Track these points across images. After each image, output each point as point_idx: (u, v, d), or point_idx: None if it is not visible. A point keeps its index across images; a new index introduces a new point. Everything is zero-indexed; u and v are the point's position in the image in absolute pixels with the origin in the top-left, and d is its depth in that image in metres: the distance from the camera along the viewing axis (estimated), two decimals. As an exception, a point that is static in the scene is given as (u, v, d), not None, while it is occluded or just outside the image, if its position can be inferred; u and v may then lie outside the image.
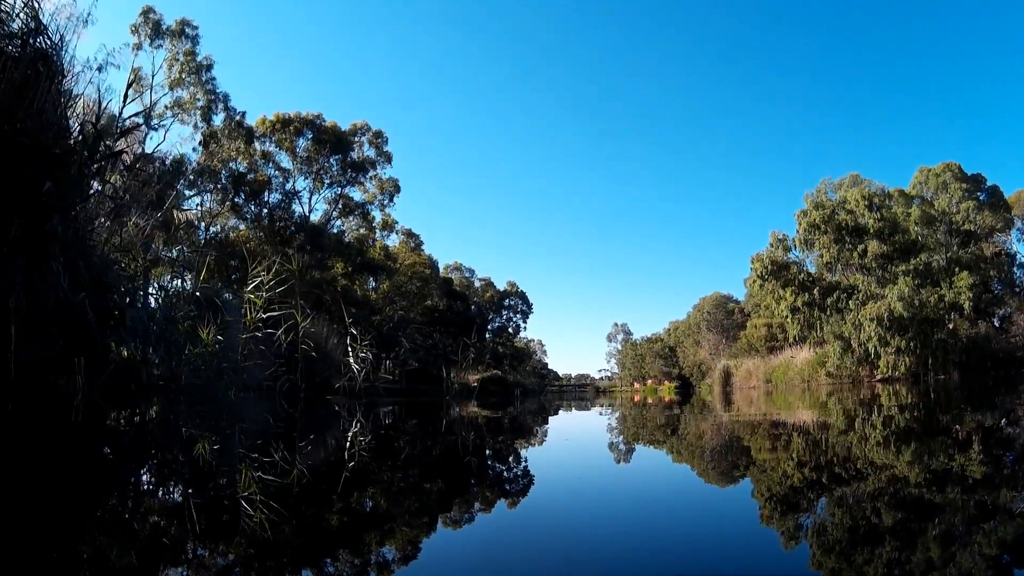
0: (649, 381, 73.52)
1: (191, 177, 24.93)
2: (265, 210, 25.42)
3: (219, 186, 24.87)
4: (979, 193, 33.61)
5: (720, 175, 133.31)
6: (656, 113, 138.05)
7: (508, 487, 3.47)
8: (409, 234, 35.50)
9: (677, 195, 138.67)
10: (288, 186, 26.44)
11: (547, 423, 9.28)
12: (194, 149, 22.89)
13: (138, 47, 22.24)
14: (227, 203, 25.38)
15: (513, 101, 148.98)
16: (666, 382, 67.51)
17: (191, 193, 25.59)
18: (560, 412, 12.46)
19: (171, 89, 22.89)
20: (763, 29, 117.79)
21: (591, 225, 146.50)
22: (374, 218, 31.24)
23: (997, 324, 31.33)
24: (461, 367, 24.76)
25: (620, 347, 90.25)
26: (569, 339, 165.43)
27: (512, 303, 66.72)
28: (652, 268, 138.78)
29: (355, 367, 17.12)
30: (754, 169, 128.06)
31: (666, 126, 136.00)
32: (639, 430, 7.57)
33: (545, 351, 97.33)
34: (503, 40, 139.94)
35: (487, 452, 5.08)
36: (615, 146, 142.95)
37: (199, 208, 26.20)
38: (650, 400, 23.25)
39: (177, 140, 24.07)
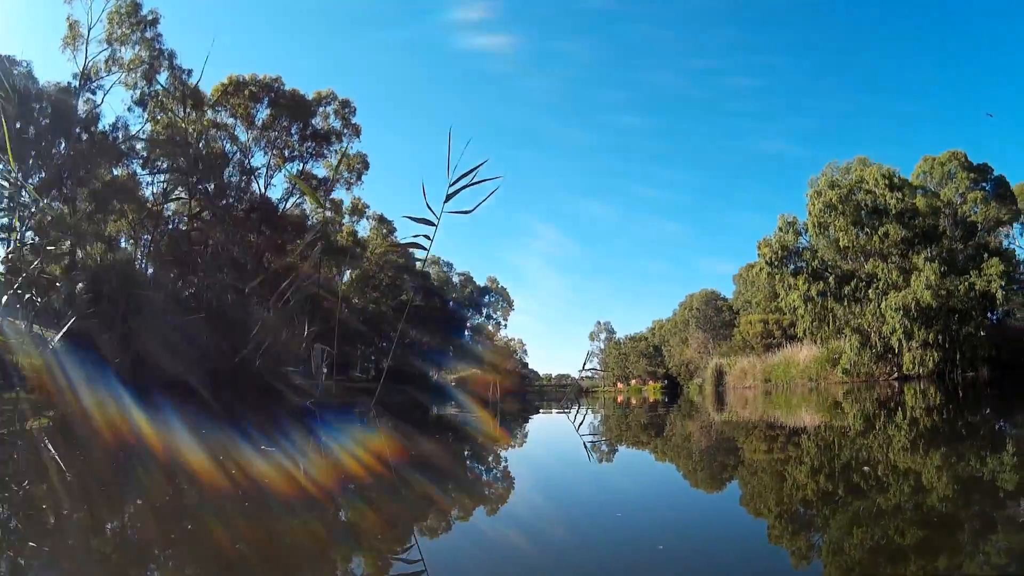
0: (633, 381, 71.55)
1: (143, 155, 22.11)
2: (216, 186, 22.57)
3: (176, 164, 22.00)
4: (984, 183, 32.38)
5: (704, 173, 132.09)
6: (639, 109, 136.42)
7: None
8: (381, 220, 32.87)
9: (660, 193, 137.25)
10: (246, 162, 23.61)
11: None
12: (129, 109, 20.04)
13: (70, -7, 19.43)
14: (179, 180, 22.49)
15: (492, 90, 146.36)
16: (651, 382, 65.61)
17: (143, 172, 22.80)
18: (539, 414, 10.34)
19: (110, 44, 20.02)
20: (746, 15, 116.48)
21: (575, 221, 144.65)
22: (342, 201, 28.57)
23: (995, 321, 30.00)
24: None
25: (603, 346, 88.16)
26: (550, 338, 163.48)
27: (492, 300, 64.45)
28: (635, 267, 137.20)
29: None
30: (739, 168, 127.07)
31: (650, 121, 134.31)
32: (634, 437, 6.71)
33: (526, 350, 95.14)
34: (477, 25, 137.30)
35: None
36: (596, 142, 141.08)
37: (150, 186, 23.43)
38: (634, 401, 21.60)
39: (122, 108, 21.11)
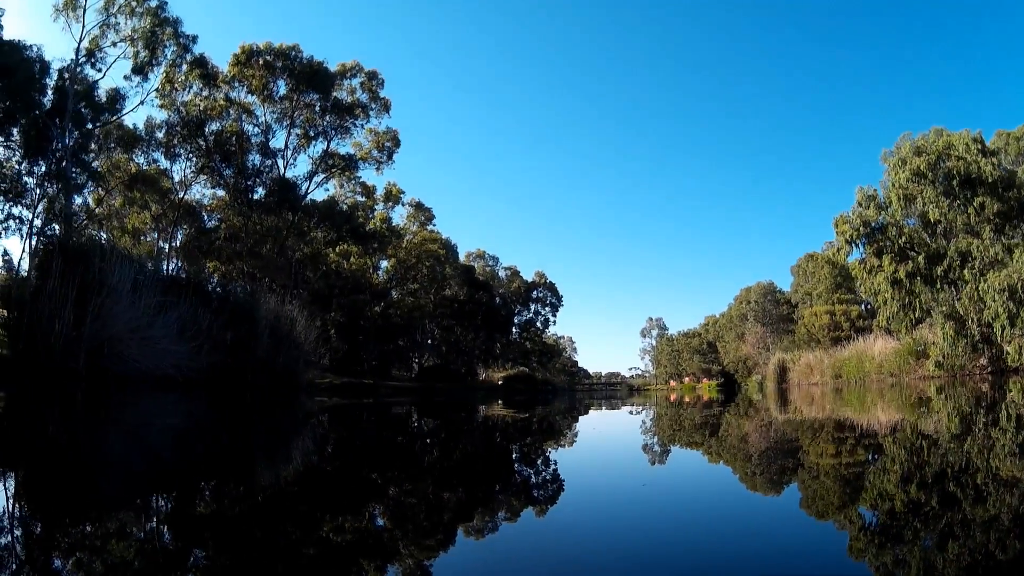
0: (686, 379, 68.57)
1: (162, 140, 21.04)
2: (236, 170, 21.20)
3: (195, 147, 20.85)
4: (1065, 161, 28.96)
5: (757, 166, 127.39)
6: (692, 99, 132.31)
7: None
8: (419, 207, 31.06)
9: (713, 186, 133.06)
10: (267, 142, 22.18)
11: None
12: (126, 77, 18.58)
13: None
14: (202, 166, 21.35)
15: (540, 81, 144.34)
16: (704, 380, 62.61)
17: (164, 160, 21.77)
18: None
19: (108, 12, 18.68)
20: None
21: (623, 216, 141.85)
22: (374, 187, 27.04)
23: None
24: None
25: (655, 343, 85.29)
26: (599, 335, 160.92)
27: (540, 295, 62.54)
28: (686, 261, 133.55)
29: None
30: (793, 158, 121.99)
31: (702, 113, 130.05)
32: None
33: (575, 348, 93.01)
34: (534, 15, 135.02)
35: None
36: (649, 132, 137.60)
37: (169, 175, 22.42)
38: (687, 399, 19.61)
39: (124, 83, 19.62)
